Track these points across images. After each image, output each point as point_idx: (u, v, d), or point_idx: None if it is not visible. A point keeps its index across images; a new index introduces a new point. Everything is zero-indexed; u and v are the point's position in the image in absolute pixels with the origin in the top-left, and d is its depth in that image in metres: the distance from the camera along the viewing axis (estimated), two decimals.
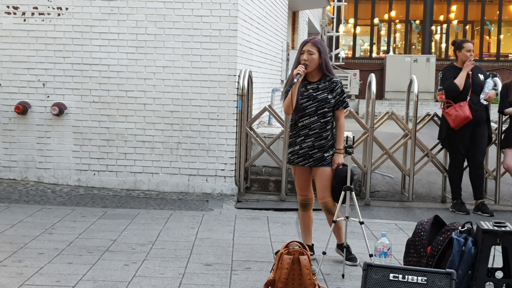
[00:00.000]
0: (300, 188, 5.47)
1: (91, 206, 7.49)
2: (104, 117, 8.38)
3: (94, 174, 8.43)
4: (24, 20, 8.37)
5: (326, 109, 5.29)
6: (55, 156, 8.46)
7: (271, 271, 4.62)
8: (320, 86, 5.33)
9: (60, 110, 8.32)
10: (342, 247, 5.25)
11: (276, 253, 4.65)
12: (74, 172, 8.45)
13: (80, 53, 8.36)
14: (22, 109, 8.34)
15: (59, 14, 8.36)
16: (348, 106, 5.52)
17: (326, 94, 5.30)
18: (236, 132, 8.30)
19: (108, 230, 6.38)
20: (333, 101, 5.29)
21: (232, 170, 8.32)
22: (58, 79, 8.41)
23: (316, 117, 5.29)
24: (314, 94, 5.29)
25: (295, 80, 5.19)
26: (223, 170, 8.29)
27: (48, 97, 8.43)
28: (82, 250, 5.63)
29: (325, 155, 5.31)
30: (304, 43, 5.33)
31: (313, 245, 5.51)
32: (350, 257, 5.36)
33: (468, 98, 7.73)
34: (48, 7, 8.35)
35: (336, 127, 5.36)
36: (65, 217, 6.89)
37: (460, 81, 7.70)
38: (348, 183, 5.04)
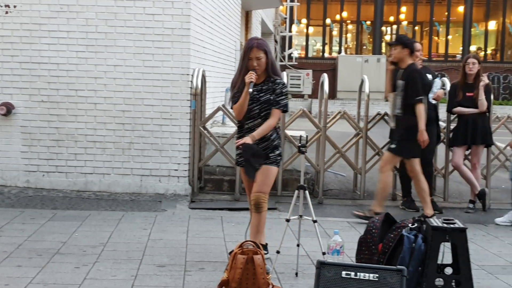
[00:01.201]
0: (249, 189, 5.38)
1: (40, 208, 7.35)
2: (54, 117, 8.23)
3: (44, 175, 8.28)
4: None
5: (269, 111, 5.24)
6: (3, 157, 8.27)
7: (225, 271, 4.61)
8: (263, 87, 5.27)
9: (7, 109, 8.14)
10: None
11: (230, 253, 4.65)
12: (23, 174, 8.28)
13: (28, 52, 8.20)
14: None
15: (7, 12, 8.18)
16: (286, 111, 5.40)
17: (268, 96, 5.24)
18: (189, 132, 8.25)
19: (58, 232, 6.27)
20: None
21: (186, 170, 8.28)
22: (5, 78, 8.22)
23: (260, 120, 5.24)
24: (258, 97, 5.23)
25: (250, 89, 5.07)
26: (177, 170, 8.24)
27: None
28: (32, 253, 5.52)
29: (270, 154, 5.28)
30: (250, 48, 5.15)
31: (266, 244, 5.51)
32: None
33: None
34: None
35: (266, 121, 5.23)
36: (13, 219, 6.75)
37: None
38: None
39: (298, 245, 5.20)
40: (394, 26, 31.20)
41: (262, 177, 5.21)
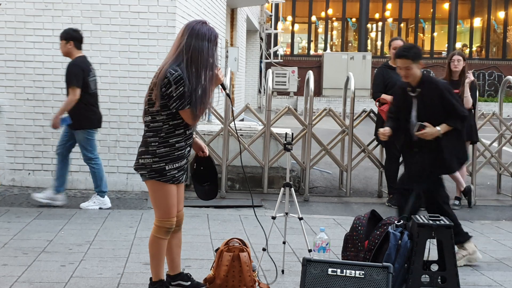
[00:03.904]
0: (174, 206, 4.35)
1: (26, 206, 7.31)
2: (39, 115, 8.19)
3: (29, 173, 8.23)
4: None
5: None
6: None
7: (211, 269, 4.61)
8: None
9: None
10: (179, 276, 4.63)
11: (216, 250, 4.65)
12: (8, 172, 8.23)
13: (13, 50, 8.15)
14: None
15: None
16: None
17: None
18: None
19: (44, 230, 6.24)
20: None
21: None
22: None
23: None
24: None
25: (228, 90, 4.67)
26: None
27: None
28: (17, 252, 5.49)
29: None
30: (215, 37, 4.33)
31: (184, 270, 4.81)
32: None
33: None
34: None
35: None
36: None
37: (388, 99, 7.81)
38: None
39: (284, 243, 5.21)
40: (380, 23, 31.28)
41: (181, 195, 4.49)
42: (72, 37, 7.17)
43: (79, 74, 7.04)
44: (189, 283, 4.61)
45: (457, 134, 5.51)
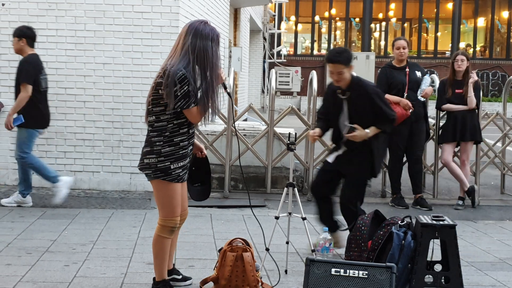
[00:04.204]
0: (179, 205, 4.38)
1: (29, 206, 7.32)
2: None
3: (33, 173, 8.23)
4: None
5: None
6: None
7: (214, 269, 4.61)
8: None
9: None
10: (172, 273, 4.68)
11: (220, 250, 4.65)
12: (12, 172, 8.24)
13: None
14: None
15: None
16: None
17: None
18: None
19: (47, 230, 6.25)
20: None
21: None
22: None
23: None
24: None
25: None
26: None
27: None
28: (21, 251, 5.50)
29: None
30: (218, 37, 4.35)
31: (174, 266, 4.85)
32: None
33: (405, 94, 7.87)
34: None
35: None
36: (2, 217, 6.72)
37: (392, 99, 7.80)
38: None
39: (287, 243, 5.21)
40: (383, 23, 31.25)
41: (184, 193, 4.52)
42: (25, 35, 7.17)
43: (31, 71, 7.04)
44: (180, 276, 4.74)
45: (384, 138, 5.64)
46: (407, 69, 7.97)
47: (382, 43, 31.49)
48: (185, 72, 4.08)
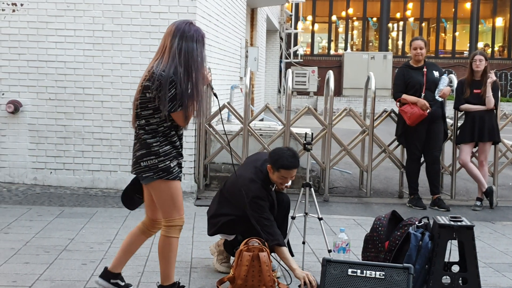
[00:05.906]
0: (182, 203, 4.36)
1: (47, 205, 7.38)
2: (61, 115, 8.26)
3: (51, 172, 8.31)
4: None
5: None
6: (11, 154, 8.30)
7: (231, 268, 4.62)
8: None
9: (15, 107, 8.17)
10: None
11: (236, 250, 4.66)
12: (30, 171, 8.31)
13: (35, 50, 8.22)
14: None
15: (14, 10, 8.20)
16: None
17: None
18: (195, 129, 8.27)
19: (65, 229, 6.29)
20: None
21: (192, 168, 8.29)
22: (13, 76, 8.25)
23: None
24: None
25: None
26: (182, 167, 8.22)
27: (3, 94, 8.27)
28: (39, 250, 5.54)
29: None
30: (203, 37, 4.28)
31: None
32: None
33: (423, 95, 7.84)
34: (3, 3, 8.18)
35: None
36: (21, 216, 6.77)
37: (409, 99, 7.81)
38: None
39: (303, 243, 5.21)
40: (401, 23, 31.12)
41: None
42: None
43: None
44: (124, 283, 4.56)
45: None
46: (425, 69, 7.93)
47: (400, 42, 31.35)
48: (172, 75, 4.06)
